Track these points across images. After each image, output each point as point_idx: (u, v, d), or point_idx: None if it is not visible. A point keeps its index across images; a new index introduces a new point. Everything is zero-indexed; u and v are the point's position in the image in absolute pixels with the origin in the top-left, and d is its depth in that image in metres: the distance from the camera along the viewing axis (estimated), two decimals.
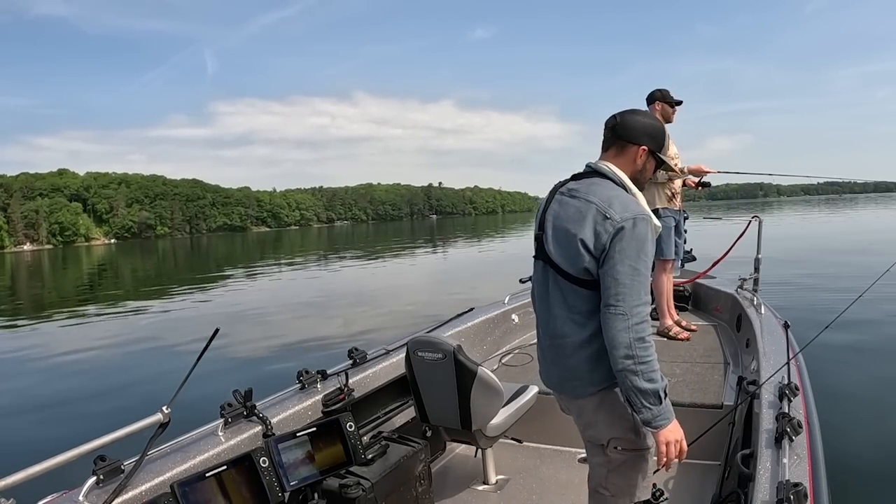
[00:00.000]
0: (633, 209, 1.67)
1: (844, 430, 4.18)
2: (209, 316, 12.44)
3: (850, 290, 3.43)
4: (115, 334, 10.70)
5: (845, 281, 10.69)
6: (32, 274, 37.15)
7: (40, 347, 9.97)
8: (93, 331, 11.56)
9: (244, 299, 14.94)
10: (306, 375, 2.65)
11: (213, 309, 13.78)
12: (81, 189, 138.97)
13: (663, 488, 2.33)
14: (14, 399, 6.85)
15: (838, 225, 33.36)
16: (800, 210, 62.31)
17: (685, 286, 5.17)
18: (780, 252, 15.54)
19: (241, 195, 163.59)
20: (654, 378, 1.65)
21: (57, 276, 33.83)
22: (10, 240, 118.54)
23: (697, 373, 3.44)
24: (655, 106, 4.45)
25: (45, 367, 8.42)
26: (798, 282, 11.21)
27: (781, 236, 23.14)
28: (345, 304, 12.91)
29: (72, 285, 25.73)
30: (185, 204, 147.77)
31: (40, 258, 64.09)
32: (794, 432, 1.86)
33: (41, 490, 1.73)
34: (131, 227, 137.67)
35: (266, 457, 2.00)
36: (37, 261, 57.68)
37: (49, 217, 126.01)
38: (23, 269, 43.76)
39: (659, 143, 1.82)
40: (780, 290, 9.56)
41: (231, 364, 7.37)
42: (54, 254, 77.49)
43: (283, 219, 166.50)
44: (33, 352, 9.64)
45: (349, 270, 22.39)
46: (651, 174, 1.86)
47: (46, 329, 12.24)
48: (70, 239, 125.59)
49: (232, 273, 24.63)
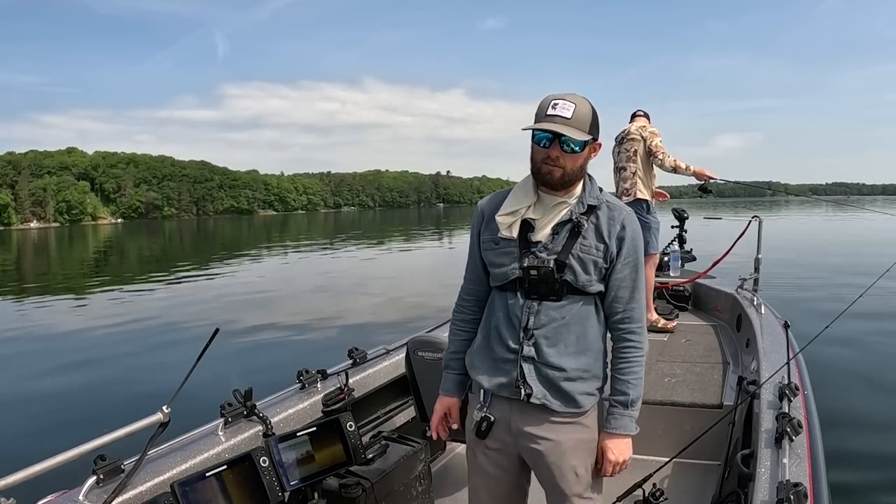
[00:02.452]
0: None
1: (844, 430, 4.18)
2: (210, 306, 12.37)
3: (850, 290, 3.44)
4: (115, 328, 10.63)
5: (845, 281, 10.69)
6: (38, 251, 37.32)
7: (41, 340, 9.93)
8: (93, 321, 11.47)
9: (245, 289, 14.87)
10: (306, 375, 2.65)
11: (214, 297, 13.67)
12: (89, 168, 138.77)
13: (663, 488, 2.34)
14: (14, 399, 6.84)
15: (840, 225, 33.36)
16: (805, 210, 62.27)
17: (685, 286, 5.17)
18: (781, 252, 15.55)
19: (249, 178, 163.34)
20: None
21: (63, 254, 33.92)
22: (18, 217, 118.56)
23: (697, 373, 3.44)
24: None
25: (45, 361, 8.39)
26: (798, 282, 11.22)
27: (782, 236, 23.14)
28: (348, 298, 12.90)
29: (77, 264, 25.78)
30: (192, 185, 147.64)
31: (47, 236, 64.03)
32: (794, 432, 1.86)
33: (41, 490, 1.72)
34: (138, 207, 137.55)
35: (266, 456, 2.00)
36: (43, 238, 57.66)
37: (56, 195, 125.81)
38: (29, 246, 43.82)
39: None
40: (780, 290, 9.57)
41: (231, 364, 7.36)
42: (61, 232, 77.32)
43: (290, 203, 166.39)
44: (32, 345, 9.62)
45: (354, 259, 22.39)
46: (532, 154, 1.62)
47: (47, 315, 12.17)
48: (77, 217, 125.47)
49: (237, 257, 24.61)
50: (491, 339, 1.69)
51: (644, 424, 2.99)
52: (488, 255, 1.70)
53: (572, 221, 1.62)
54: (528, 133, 1.59)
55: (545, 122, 1.54)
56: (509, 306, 1.65)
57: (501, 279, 1.66)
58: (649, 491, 2.27)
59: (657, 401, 3.03)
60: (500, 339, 1.67)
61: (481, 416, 1.68)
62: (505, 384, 1.65)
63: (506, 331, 1.65)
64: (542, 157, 1.58)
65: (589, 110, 1.56)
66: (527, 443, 1.67)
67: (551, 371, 1.63)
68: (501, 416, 1.68)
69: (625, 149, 4.66)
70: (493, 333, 1.69)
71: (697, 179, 4.67)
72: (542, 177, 1.59)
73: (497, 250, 1.67)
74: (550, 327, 1.62)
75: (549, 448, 1.65)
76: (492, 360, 1.68)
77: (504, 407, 1.67)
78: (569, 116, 1.52)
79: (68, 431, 5.27)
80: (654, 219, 4.70)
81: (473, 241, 1.76)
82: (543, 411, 1.64)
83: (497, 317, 1.68)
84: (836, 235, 25.53)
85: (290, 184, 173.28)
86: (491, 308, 1.73)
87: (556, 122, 1.52)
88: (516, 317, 1.63)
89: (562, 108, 1.53)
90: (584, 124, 1.54)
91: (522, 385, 1.62)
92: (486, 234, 1.70)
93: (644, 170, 4.60)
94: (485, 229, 1.71)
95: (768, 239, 4.82)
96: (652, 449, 2.87)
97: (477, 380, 1.72)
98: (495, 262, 1.67)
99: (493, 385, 1.66)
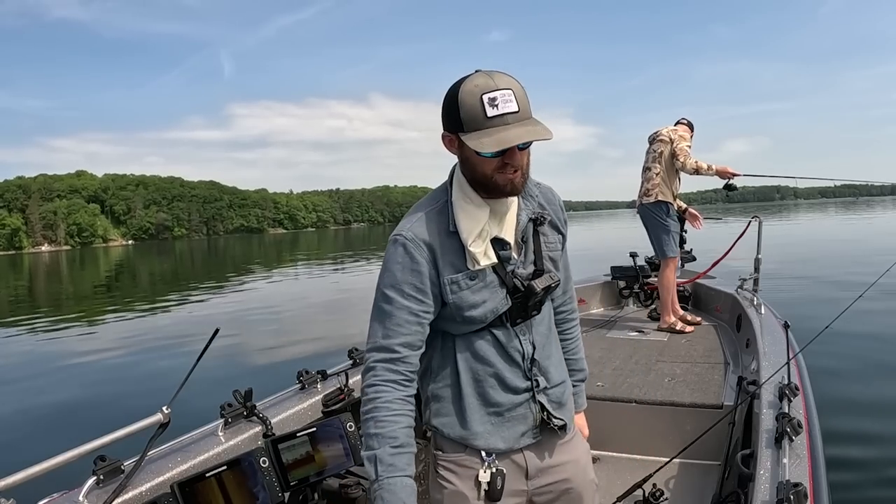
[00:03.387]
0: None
1: (844, 430, 4.18)
2: (218, 316, 12.48)
3: (850, 289, 3.44)
4: (121, 336, 10.71)
5: (846, 280, 10.69)
6: (50, 274, 37.40)
7: (45, 352, 9.96)
8: (100, 333, 11.60)
9: (252, 298, 14.98)
10: (306, 375, 2.65)
11: (223, 309, 13.88)
12: (99, 190, 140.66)
13: (663, 488, 2.34)
14: (14, 398, 6.85)
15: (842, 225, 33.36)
16: (816, 212, 62.25)
17: (685, 286, 5.19)
18: (781, 252, 15.54)
19: (258, 197, 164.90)
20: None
21: (74, 277, 34.00)
22: (29, 241, 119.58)
23: (697, 373, 3.44)
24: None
25: (49, 368, 8.41)
26: (798, 282, 11.21)
27: (783, 237, 23.14)
28: (349, 300, 12.92)
29: (89, 286, 25.84)
30: (202, 205, 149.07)
31: (58, 259, 64.36)
32: (794, 432, 1.86)
33: (41, 490, 1.72)
34: (149, 228, 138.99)
35: (266, 457, 2.00)
36: (54, 261, 57.90)
37: (67, 218, 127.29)
38: (41, 269, 44.00)
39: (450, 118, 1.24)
40: (780, 290, 9.57)
41: (231, 364, 7.37)
42: (72, 255, 77.84)
43: (299, 221, 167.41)
44: (38, 355, 9.64)
45: (362, 270, 22.41)
46: (478, 164, 1.25)
47: (54, 331, 12.22)
48: (88, 240, 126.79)
49: (247, 275, 24.69)
50: (487, 393, 1.36)
51: (644, 424, 3.03)
52: (463, 298, 1.31)
53: (533, 221, 1.38)
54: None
55: (496, 128, 1.17)
56: (503, 344, 1.36)
57: (483, 320, 1.33)
58: (649, 491, 2.28)
59: (657, 401, 3.03)
60: (502, 386, 1.37)
61: (491, 472, 1.35)
62: (525, 433, 1.39)
63: (508, 374, 1.36)
64: (495, 165, 1.23)
65: (523, 88, 1.22)
66: (547, 480, 1.43)
67: (556, 389, 1.45)
68: (513, 465, 1.39)
69: (653, 149, 4.70)
70: (487, 384, 1.36)
71: (720, 178, 4.67)
72: (500, 189, 1.26)
73: (475, 287, 1.31)
74: (543, 344, 1.42)
75: (574, 472, 1.46)
76: (496, 415, 1.37)
77: (514, 455, 1.40)
78: (517, 109, 1.18)
79: (68, 432, 5.28)
80: (674, 222, 4.68)
81: (411, 289, 1.27)
82: (554, 436, 1.44)
83: (487, 363, 1.36)
84: (837, 235, 25.52)
85: (300, 201, 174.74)
86: (468, 358, 1.36)
87: (510, 123, 1.17)
88: (517, 351, 1.37)
89: (504, 103, 1.17)
90: (528, 107, 1.21)
91: (549, 420, 1.39)
92: (448, 273, 1.29)
93: (668, 172, 4.60)
94: (443, 268, 1.29)
95: (778, 241, 4.82)
96: (652, 449, 2.87)
97: (479, 446, 1.37)
98: (474, 302, 1.31)
99: (510, 442, 1.37)
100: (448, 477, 1.38)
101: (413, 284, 1.28)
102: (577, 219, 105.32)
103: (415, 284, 1.28)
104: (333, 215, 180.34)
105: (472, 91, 1.18)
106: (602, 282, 5.65)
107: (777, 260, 13.50)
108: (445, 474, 1.38)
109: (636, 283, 5.49)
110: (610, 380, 3.37)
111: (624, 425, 3.03)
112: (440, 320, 1.34)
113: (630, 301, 5.55)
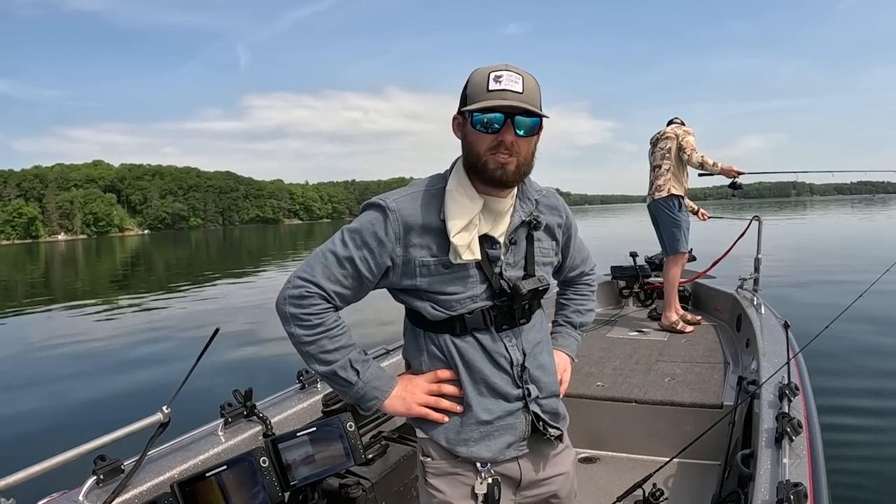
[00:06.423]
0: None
1: (844, 430, 4.19)
2: (230, 310, 12.50)
3: (850, 289, 3.44)
4: (126, 331, 10.68)
5: (846, 280, 10.68)
6: (66, 263, 37.60)
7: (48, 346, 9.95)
8: (107, 326, 11.54)
9: (266, 287, 14.92)
10: (306, 375, 2.65)
11: (233, 302, 13.87)
12: (116, 180, 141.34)
13: (663, 488, 2.34)
14: (14, 399, 6.85)
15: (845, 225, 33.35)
16: (831, 209, 62.07)
17: (685, 286, 5.18)
18: (781, 252, 15.53)
19: (274, 188, 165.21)
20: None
21: (91, 265, 34.17)
22: (45, 229, 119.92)
23: (697, 373, 3.44)
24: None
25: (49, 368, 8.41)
26: (798, 282, 11.20)
27: (783, 237, 23.12)
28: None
29: (105, 275, 25.92)
30: (218, 196, 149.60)
31: (74, 248, 64.39)
32: (794, 432, 1.86)
33: (41, 490, 1.72)
34: (164, 218, 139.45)
35: (266, 457, 2.00)
36: (71, 250, 57.92)
37: (83, 207, 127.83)
38: (57, 258, 44.21)
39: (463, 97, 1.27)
40: (780, 290, 9.56)
41: (231, 364, 7.37)
42: (88, 244, 77.93)
43: (315, 212, 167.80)
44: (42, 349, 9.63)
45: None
46: (473, 143, 1.24)
47: (62, 323, 12.21)
48: (104, 229, 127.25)
49: (262, 265, 24.64)
50: (477, 398, 1.33)
51: (644, 424, 3.03)
52: (431, 283, 1.28)
53: (527, 223, 1.34)
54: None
55: (493, 98, 1.18)
56: (488, 350, 1.32)
57: (455, 306, 1.29)
58: (649, 491, 2.28)
59: (657, 401, 3.03)
60: (491, 392, 1.33)
61: (488, 483, 1.31)
62: (511, 444, 1.35)
63: (497, 379, 1.32)
64: (488, 144, 1.21)
65: (536, 82, 1.23)
66: (537, 491, 1.42)
67: (550, 401, 1.41)
68: (507, 475, 1.37)
69: (660, 147, 4.75)
70: (477, 390, 1.33)
71: (725, 177, 4.71)
72: (490, 173, 1.22)
73: (447, 275, 1.27)
74: (533, 353, 1.37)
75: (562, 484, 1.46)
76: (486, 423, 1.33)
77: (509, 464, 1.37)
78: (520, 91, 1.19)
79: (69, 432, 5.28)
80: (685, 217, 4.73)
81: (367, 252, 1.26)
82: (549, 446, 1.42)
83: (474, 368, 1.32)
84: (838, 235, 25.50)
85: (315, 193, 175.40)
86: (457, 363, 1.32)
87: (507, 97, 1.17)
88: (503, 357, 1.32)
89: (508, 81, 1.18)
90: (536, 99, 1.21)
91: (545, 430, 1.37)
92: (420, 253, 1.27)
93: (677, 167, 4.68)
94: (417, 246, 1.27)
95: (769, 238, 4.83)
96: (652, 449, 2.87)
97: (474, 456, 1.33)
98: (443, 290, 1.28)
99: (495, 452, 1.33)
100: (438, 485, 1.35)
101: (371, 248, 1.26)
102: (592, 213, 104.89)
103: (373, 249, 1.26)
104: (349, 206, 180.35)
105: (482, 71, 1.22)
106: (602, 282, 5.65)
107: (777, 259, 13.50)
108: (436, 482, 1.35)
109: (636, 282, 5.49)
110: (610, 379, 3.37)
111: (624, 425, 3.03)
112: (416, 301, 1.32)
113: (630, 301, 5.55)
